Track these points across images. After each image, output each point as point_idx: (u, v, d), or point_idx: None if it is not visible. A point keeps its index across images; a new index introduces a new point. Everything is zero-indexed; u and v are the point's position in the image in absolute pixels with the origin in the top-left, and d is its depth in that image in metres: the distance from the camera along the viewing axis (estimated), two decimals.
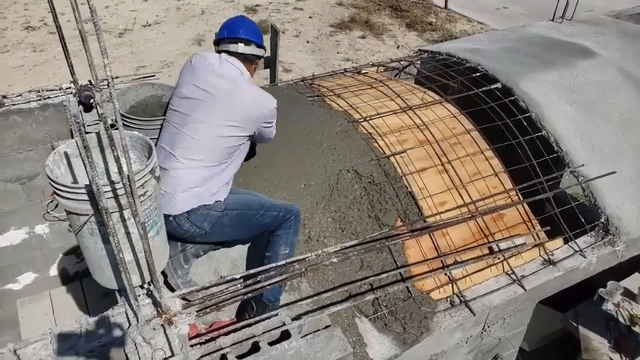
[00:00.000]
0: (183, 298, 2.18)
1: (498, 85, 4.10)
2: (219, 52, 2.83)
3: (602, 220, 3.57)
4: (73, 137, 3.71)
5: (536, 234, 3.43)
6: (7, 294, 4.18)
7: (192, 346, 2.05)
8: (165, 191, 2.54)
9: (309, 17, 11.74)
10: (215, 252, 3.07)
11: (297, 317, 2.28)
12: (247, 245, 3.06)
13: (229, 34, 2.80)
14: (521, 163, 3.59)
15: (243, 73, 2.76)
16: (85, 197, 1.74)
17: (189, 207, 2.56)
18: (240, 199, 2.76)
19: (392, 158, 3.42)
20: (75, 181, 2.02)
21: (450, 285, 3.11)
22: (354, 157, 3.39)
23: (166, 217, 2.50)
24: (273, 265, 2.31)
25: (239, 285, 2.19)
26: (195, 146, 2.60)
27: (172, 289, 2.68)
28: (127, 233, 1.86)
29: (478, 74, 4.22)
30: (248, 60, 2.82)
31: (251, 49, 2.80)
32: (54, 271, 4.39)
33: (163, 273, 2.69)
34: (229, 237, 2.89)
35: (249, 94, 2.67)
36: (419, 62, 5.03)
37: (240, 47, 2.78)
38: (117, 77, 4.07)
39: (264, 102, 2.69)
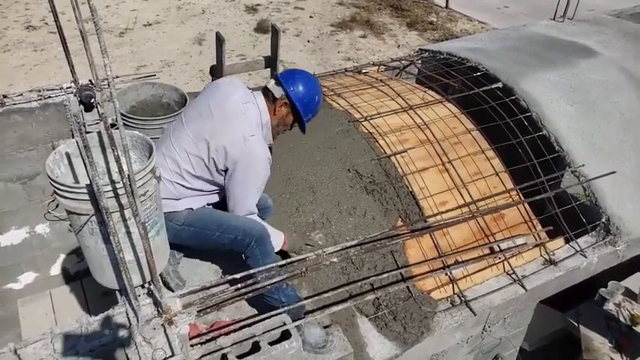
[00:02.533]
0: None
1: (499, 85, 4.09)
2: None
3: (603, 219, 3.57)
4: (73, 137, 3.72)
5: (537, 234, 3.42)
6: (7, 293, 4.18)
7: (192, 345, 2.04)
8: None
9: (310, 17, 11.73)
10: (215, 252, 3.07)
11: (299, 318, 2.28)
12: None
13: (275, 74, 2.78)
14: (522, 163, 3.58)
15: (260, 114, 2.67)
16: (86, 197, 1.74)
17: None
18: (203, 216, 2.71)
19: (392, 158, 3.42)
20: (75, 180, 2.02)
21: (451, 285, 3.11)
22: (354, 157, 3.39)
23: None
24: (273, 265, 2.31)
25: (239, 285, 2.19)
26: (169, 155, 2.60)
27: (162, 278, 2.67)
28: (128, 233, 1.86)
29: (479, 74, 4.22)
30: (270, 99, 2.71)
31: (275, 89, 2.69)
32: (54, 270, 4.39)
33: None
34: (194, 248, 2.89)
35: (240, 132, 2.55)
36: (419, 62, 5.03)
37: (270, 83, 2.73)
38: (117, 77, 4.07)
39: (251, 146, 2.55)
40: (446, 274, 3.12)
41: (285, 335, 2.13)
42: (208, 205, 2.80)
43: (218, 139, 2.55)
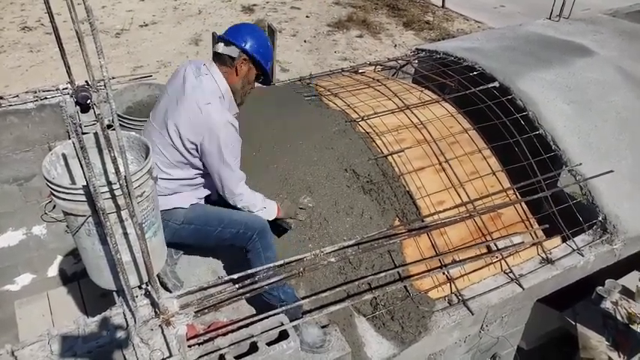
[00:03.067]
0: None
1: (496, 84, 4.10)
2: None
3: (600, 218, 3.58)
4: (70, 138, 3.71)
5: (534, 233, 3.43)
6: (4, 295, 4.17)
7: (190, 346, 2.04)
8: None
9: (306, 16, 11.73)
10: (213, 252, 3.07)
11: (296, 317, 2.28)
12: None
13: (218, 36, 2.68)
14: (519, 162, 3.59)
15: (218, 84, 2.59)
16: (82, 198, 1.74)
17: None
18: (201, 212, 2.69)
19: (389, 157, 3.42)
20: (72, 182, 2.02)
21: (448, 284, 3.11)
22: (351, 157, 3.39)
23: None
24: (271, 265, 2.31)
25: (237, 285, 2.19)
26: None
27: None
28: (125, 234, 1.86)
29: (475, 73, 4.22)
30: (226, 64, 2.61)
31: (228, 50, 2.59)
32: (52, 272, 4.38)
33: None
34: (194, 246, 2.88)
35: (194, 102, 2.48)
36: (416, 61, 5.03)
37: (220, 47, 2.61)
38: (114, 78, 4.07)
39: (208, 113, 2.46)
40: (443, 274, 3.12)
41: (283, 335, 2.13)
42: (198, 199, 2.79)
43: (176, 117, 2.51)
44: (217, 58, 2.64)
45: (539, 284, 3.22)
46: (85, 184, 1.69)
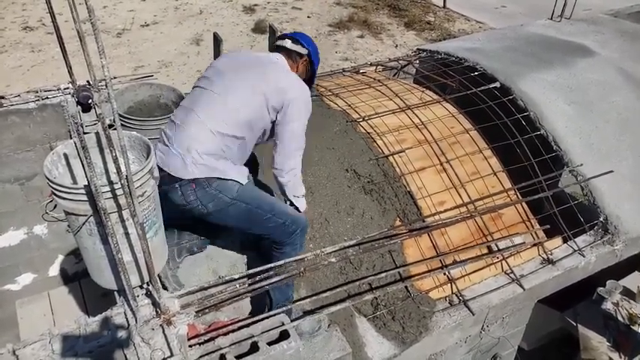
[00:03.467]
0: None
1: (497, 85, 4.10)
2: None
3: (601, 219, 3.57)
4: (71, 138, 3.71)
5: (535, 233, 3.43)
6: (5, 294, 4.18)
7: (191, 346, 2.05)
8: (178, 151, 2.38)
9: (308, 17, 11.73)
10: (214, 252, 3.07)
11: (296, 317, 2.28)
12: (247, 248, 3.05)
13: (284, 34, 2.91)
14: (520, 163, 3.59)
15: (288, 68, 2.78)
16: (84, 198, 1.74)
17: (201, 174, 2.36)
18: (255, 194, 2.60)
19: (390, 158, 3.42)
20: (74, 181, 2.02)
21: (449, 284, 3.11)
22: (352, 157, 3.39)
23: (174, 181, 2.38)
24: (271, 265, 2.31)
25: (237, 285, 2.19)
26: (218, 106, 2.48)
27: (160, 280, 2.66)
28: (126, 234, 1.86)
29: (477, 73, 4.22)
30: (291, 58, 2.79)
31: (297, 48, 2.79)
32: (53, 271, 4.38)
33: None
34: (229, 225, 2.72)
35: (283, 71, 2.68)
36: (417, 61, 5.03)
37: (288, 43, 2.79)
38: (115, 77, 4.07)
39: (300, 85, 2.63)
40: (444, 274, 3.12)
41: (284, 335, 2.13)
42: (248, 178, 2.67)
43: (262, 84, 2.54)
44: (284, 51, 2.80)
45: (540, 285, 3.21)
46: (87, 183, 1.69)
